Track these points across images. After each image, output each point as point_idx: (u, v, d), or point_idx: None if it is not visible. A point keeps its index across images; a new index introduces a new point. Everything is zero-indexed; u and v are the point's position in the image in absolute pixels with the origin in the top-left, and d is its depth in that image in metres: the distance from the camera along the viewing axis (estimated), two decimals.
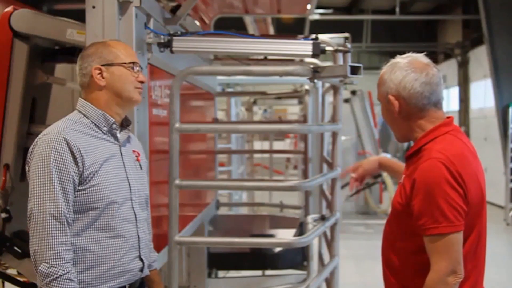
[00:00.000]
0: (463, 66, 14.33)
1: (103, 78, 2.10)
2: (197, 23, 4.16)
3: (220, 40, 2.82)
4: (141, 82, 2.16)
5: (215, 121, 4.76)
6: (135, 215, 2.13)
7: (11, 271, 3.02)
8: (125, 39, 2.39)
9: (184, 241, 2.92)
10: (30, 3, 3.40)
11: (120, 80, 2.12)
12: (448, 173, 1.92)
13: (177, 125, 2.67)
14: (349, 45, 3.00)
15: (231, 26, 4.08)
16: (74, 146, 1.97)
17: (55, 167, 1.93)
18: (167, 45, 2.66)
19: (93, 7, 2.35)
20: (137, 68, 2.16)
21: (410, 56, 2.10)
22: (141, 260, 2.15)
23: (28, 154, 2.02)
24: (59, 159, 1.94)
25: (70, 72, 3.17)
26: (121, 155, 2.13)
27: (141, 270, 2.16)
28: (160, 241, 2.86)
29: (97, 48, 2.13)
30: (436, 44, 16.26)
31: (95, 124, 2.09)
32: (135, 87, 2.15)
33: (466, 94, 14.53)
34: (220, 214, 5.18)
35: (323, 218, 3.38)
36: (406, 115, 2.08)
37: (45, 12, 4.69)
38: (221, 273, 5.27)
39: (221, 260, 4.69)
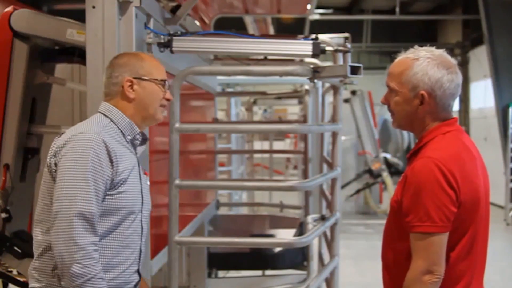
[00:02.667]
0: (463, 66, 14.33)
1: (133, 90, 2.09)
2: (197, 23, 4.16)
3: (220, 40, 2.83)
4: (168, 100, 2.17)
5: (215, 121, 4.77)
6: (141, 228, 2.11)
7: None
8: (125, 39, 2.39)
9: (184, 241, 2.92)
10: (30, 3, 3.41)
11: (150, 96, 2.12)
12: (440, 174, 1.91)
13: (177, 125, 2.67)
14: (349, 45, 3.00)
15: (231, 26, 4.09)
16: (112, 150, 1.95)
17: (92, 167, 1.90)
18: (167, 45, 2.66)
19: (93, 7, 2.36)
20: (167, 86, 2.17)
21: (439, 53, 2.07)
22: (139, 274, 2.13)
23: (56, 151, 1.97)
24: (96, 160, 1.91)
25: (70, 72, 3.17)
26: (139, 167, 2.14)
27: (136, 284, 2.12)
28: (160, 241, 2.86)
29: (130, 59, 2.12)
30: (436, 44, 16.08)
31: (122, 132, 2.07)
32: (161, 105, 2.15)
33: (466, 94, 14.53)
34: (220, 214, 5.19)
35: (323, 218, 3.38)
36: (428, 112, 2.06)
37: (45, 12, 4.69)
38: (221, 273, 5.27)
39: (221, 260, 4.69)
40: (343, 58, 3.01)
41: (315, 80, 3.06)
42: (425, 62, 2.04)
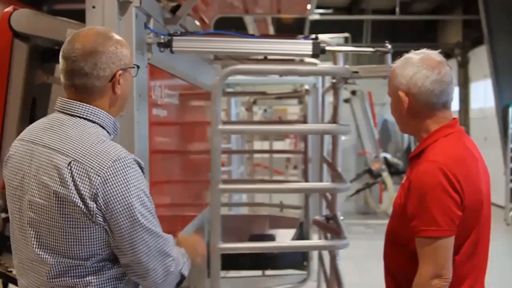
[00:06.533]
0: (463, 66, 14.33)
1: (119, 85, 1.80)
2: (197, 23, 4.16)
3: (220, 40, 2.83)
4: None
5: None
6: None
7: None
8: (125, 39, 2.39)
9: (228, 248, 2.92)
10: (30, 3, 3.41)
11: (130, 88, 1.89)
12: (444, 178, 1.91)
13: (220, 126, 2.63)
14: (389, 46, 2.98)
15: (231, 26, 4.07)
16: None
17: (149, 199, 1.76)
18: (167, 45, 2.66)
19: (93, 7, 2.35)
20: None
21: (423, 53, 2.08)
22: None
23: (94, 194, 1.65)
24: (146, 189, 1.77)
25: None
26: None
27: None
28: None
29: (116, 46, 1.79)
30: (436, 44, 16.21)
31: (108, 133, 1.83)
32: None
33: (466, 94, 14.53)
34: (220, 214, 5.17)
35: (328, 219, 3.41)
36: (414, 112, 2.06)
37: (45, 12, 4.69)
38: (221, 273, 5.26)
39: (221, 260, 4.68)
40: (384, 59, 2.97)
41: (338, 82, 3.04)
42: (404, 63, 2.07)
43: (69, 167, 1.66)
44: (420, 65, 2.03)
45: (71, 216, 1.66)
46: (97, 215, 1.66)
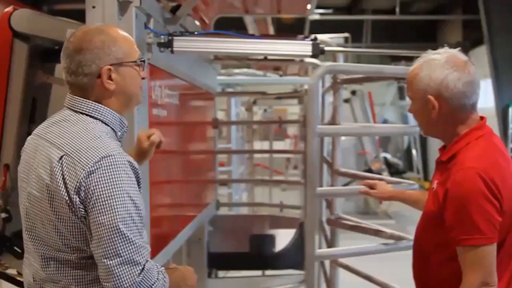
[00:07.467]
0: None
1: (111, 81, 1.78)
2: (197, 23, 4.16)
3: (220, 40, 2.83)
4: (143, 78, 1.90)
5: (215, 121, 4.76)
6: None
7: (11, 271, 3.03)
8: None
9: (324, 255, 2.89)
10: (30, 3, 3.40)
11: (132, 83, 1.84)
12: (484, 185, 1.86)
13: (319, 128, 2.60)
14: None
15: (231, 26, 4.08)
16: (136, 168, 1.75)
17: (134, 204, 1.68)
18: (168, 45, 2.66)
19: (93, 7, 2.35)
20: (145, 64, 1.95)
21: (446, 52, 2.01)
22: None
23: (78, 187, 1.65)
24: (135, 191, 1.70)
25: None
26: None
27: None
28: (160, 241, 2.86)
29: (104, 42, 1.77)
30: (436, 44, 16.14)
31: (114, 131, 1.82)
32: (140, 87, 1.89)
33: None
34: (220, 214, 5.19)
35: (337, 219, 3.42)
36: (444, 116, 1.99)
37: (45, 12, 4.69)
38: (221, 273, 5.27)
39: (221, 260, 4.69)
40: None
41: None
42: (429, 65, 1.99)
43: (60, 161, 1.69)
44: (449, 66, 1.95)
45: (59, 209, 1.69)
46: (80, 209, 1.66)
